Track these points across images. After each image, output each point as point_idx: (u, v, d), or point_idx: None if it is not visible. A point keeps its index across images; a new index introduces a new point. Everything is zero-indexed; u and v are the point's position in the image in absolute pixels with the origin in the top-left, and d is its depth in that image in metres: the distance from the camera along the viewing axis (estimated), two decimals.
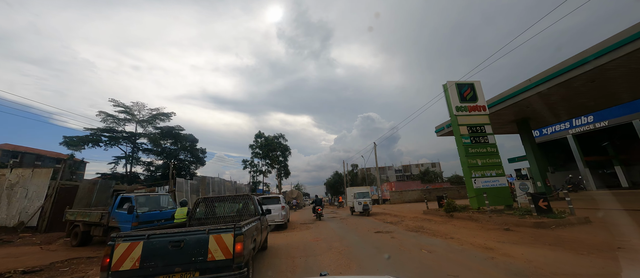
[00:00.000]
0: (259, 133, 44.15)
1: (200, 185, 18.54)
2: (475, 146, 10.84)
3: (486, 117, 11.40)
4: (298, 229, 11.68)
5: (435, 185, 31.54)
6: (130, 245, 3.20)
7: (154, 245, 3.26)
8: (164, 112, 46.54)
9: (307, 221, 15.48)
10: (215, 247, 3.31)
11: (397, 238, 7.85)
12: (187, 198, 16.62)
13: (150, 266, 3.15)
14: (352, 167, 54.93)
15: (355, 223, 12.31)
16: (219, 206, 6.25)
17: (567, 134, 22.28)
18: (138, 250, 3.19)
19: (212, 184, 20.60)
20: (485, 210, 9.83)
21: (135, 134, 43.85)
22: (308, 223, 14.16)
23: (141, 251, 3.19)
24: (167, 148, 47.72)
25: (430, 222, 11.01)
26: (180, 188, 15.77)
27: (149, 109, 46.08)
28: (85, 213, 9.62)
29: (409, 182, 31.71)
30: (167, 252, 3.23)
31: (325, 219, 16.41)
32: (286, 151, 49.63)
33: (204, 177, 19.59)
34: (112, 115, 41.31)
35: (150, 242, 3.27)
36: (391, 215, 15.16)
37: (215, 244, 3.32)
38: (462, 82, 11.69)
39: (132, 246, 3.20)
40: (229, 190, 25.25)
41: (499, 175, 10.47)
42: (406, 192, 27.81)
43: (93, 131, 39.55)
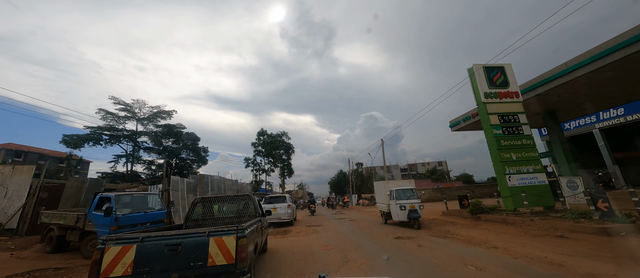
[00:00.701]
0: (261, 130, 42.91)
1: (198, 184, 17.33)
2: (508, 138, 9.39)
3: (519, 104, 9.94)
4: (304, 232, 10.34)
5: (446, 184, 29.95)
6: (122, 248, 2.93)
7: (149, 248, 2.98)
8: (164, 110, 45.60)
9: (314, 222, 14.13)
10: (216, 250, 3.02)
11: (426, 246, 6.46)
12: (184, 198, 15.41)
13: (144, 272, 2.87)
14: (357, 165, 53.47)
15: (368, 227, 10.93)
16: (217, 207, 5.98)
17: (593, 128, 20.58)
18: (130, 255, 2.92)
19: (211, 183, 19.38)
20: (524, 212, 8.38)
21: (136, 132, 42.98)
22: (314, 225, 12.81)
23: (134, 255, 2.91)
24: (168, 146, 46.83)
25: (454, 225, 9.59)
26: (176, 187, 14.55)
27: (149, 107, 45.19)
28: (60, 216, 8.40)
29: (419, 181, 30.16)
30: (163, 257, 2.96)
31: (332, 219, 15.06)
32: (289, 149, 48.35)
33: (202, 175, 18.39)
34: (112, 113, 40.40)
35: (144, 245, 2.98)
36: None
37: (216, 248, 3.04)
38: (490, 65, 10.23)
39: (124, 250, 2.92)
40: (230, 189, 24.03)
41: (537, 171, 9.00)
42: (418, 191, 26.34)
43: (93, 129, 38.74)
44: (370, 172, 67.93)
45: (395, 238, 7.82)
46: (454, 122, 19.29)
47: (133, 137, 44.23)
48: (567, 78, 10.51)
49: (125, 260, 2.88)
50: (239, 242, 3.10)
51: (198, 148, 52.18)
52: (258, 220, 4.91)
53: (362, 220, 13.75)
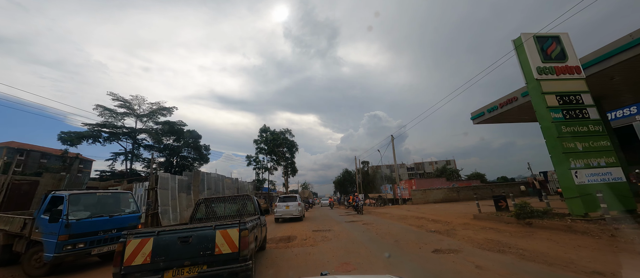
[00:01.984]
0: (264, 127, 41.18)
1: (193, 182, 15.61)
2: (570, 123, 7.43)
3: (582, 82, 7.96)
4: (311, 240, 8.49)
5: (462, 183, 27.84)
6: (141, 241, 3.32)
7: (164, 241, 3.38)
8: (165, 107, 44.12)
9: (322, 226, 12.27)
10: (221, 241, 3.46)
11: (485, 267, 4.56)
12: (175, 198, 13.68)
13: (161, 260, 3.28)
14: (363, 164, 51.44)
15: (390, 233, 9.03)
16: (219, 206, 6.47)
17: (633, 120, 18.33)
18: (149, 246, 3.31)
19: (208, 181, 17.64)
20: (597, 218, 6.41)
21: (136, 130, 41.57)
22: (323, 230, 10.95)
23: (152, 247, 3.31)
24: (169, 144, 45.37)
25: (500, 232, 7.64)
26: (165, 185, 12.83)
27: (149, 103, 43.75)
28: (6, 220, 6.68)
29: (431, 180, 28.14)
30: (176, 247, 3.37)
31: (342, 222, 13.20)
32: (293, 147, 46.51)
33: (197, 171, 16.67)
34: (110, 110, 39.05)
35: (160, 238, 3.38)
36: (428, 219, 11.82)
37: (221, 239, 3.48)
38: (543, 35, 8.26)
39: (143, 242, 3.32)
40: (229, 188, 22.31)
41: (611, 164, 7.02)
42: (430, 190, 24.28)
43: (91, 127, 37.39)
44: (375, 171, 65.93)
45: (434, 252, 5.92)
46: (476, 113, 17.20)
47: (132, 134, 42.80)
48: (631, 53, 8.48)
49: (144, 251, 3.28)
50: (242, 233, 3.55)
51: (199, 146, 50.61)
52: (257, 218, 5.38)
53: (380, 223, 11.88)
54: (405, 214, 15.76)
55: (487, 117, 16.35)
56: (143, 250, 3.28)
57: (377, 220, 13.99)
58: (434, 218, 12.21)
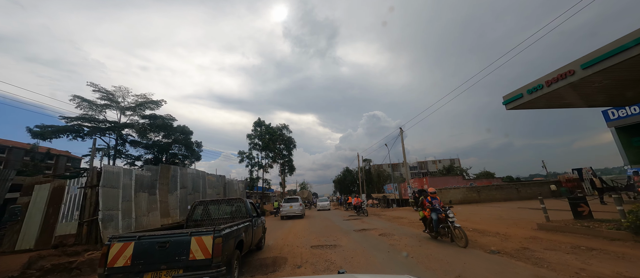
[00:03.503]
0: (258, 121, 37.81)
1: (160, 179, 12.35)
2: None
3: None
4: (309, 265, 5.26)
5: (481, 182, 24.66)
6: (123, 245, 3.59)
7: (144, 245, 3.62)
8: (152, 100, 40.68)
9: (324, 239, 9.03)
10: (196, 247, 3.62)
11: None
12: (130, 199, 10.41)
13: (140, 264, 3.53)
14: (364, 162, 48.20)
15: (431, 255, 5.80)
16: (214, 209, 6.82)
17: None
18: (129, 250, 3.57)
19: (183, 178, 14.37)
20: None
21: (119, 124, 38.15)
22: (327, 246, 7.69)
23: (132, 250, 3.57)
24: (158, 141, 41.96)
25: (626, 260, 4.46)
26: (113, 183, 9.56)
27: (134, 96, 40.30)
28: None
29: (446, 178, 24.98)
30: (155, 252, 3.59)
31: (350, 232, 9.97)
32: (291, 144, 43.13)
33: (166, 166, 13.39)
34: (88, 101, 35.60)
35: (140, 242, 3.63)
36: (469, 229, 8.55)
37: (196, 245, 3.63)
38: None
39: (124, 246, 3.58)
40: (214, 187, 19.04)
41: None
42: (447, 190, 21.09)
43: (68, 120, 33.91)
44: (378, 170, 62.78)
45: None
46: (511, 96, 13.91)
47: (117, 129, 39.29)
48: None
49: (126, 253, 3.55)
50: (215, 240, 3.70)
51: (191, 142, 46.99)
52: (248, 221, 5.82)
53: (398, 234, 8.66)
54: None
55: (527, 100, 13.08)
56: (124, 253, 3.55)
57: (394, 227, 10.76)
58: (475, 227, 8.97)
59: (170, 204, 13.10)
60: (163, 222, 12.28)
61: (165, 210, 12.60)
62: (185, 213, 14.03)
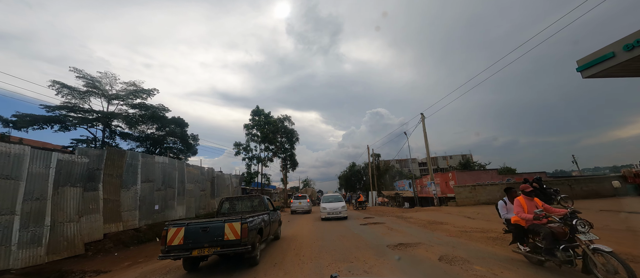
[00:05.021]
0: (256, 109, 34.10)
1: (106, 168, 8.75)
2: None
3: None
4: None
5: (519, 177, 20.78)
6: (177, 229, 4.82)
7: (191, 229, 4.85)
8: (143, 88, 37.11)
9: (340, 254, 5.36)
10: (228, 231, 4.85)
11: None
12: (47, 197, 6.81)
13: (189, 242, 4.76)
14: (373, 157, 44.29)
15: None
16: (238, 204, 8.07)
17: None
18: (181, 233, 4.79)
19: (147, 168, 10.77)
20: None
21: (107, 113, 34.74)
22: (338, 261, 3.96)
23: (183, 233, 4.79)
24: (152, 134, 38.57)
25: None
26: (8, 171, 6.02)
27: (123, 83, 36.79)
28: None
29: (478, 173, 21.15)
30: (199, 234, 4.82)
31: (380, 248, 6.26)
32: (293, 137, 39.33)
33: (119, 151, 9.73)
34: (70, 87, 32.19)
35: (188, 227, 4.86)
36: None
37: (228, 229, 4.86)
38: None
39: (178, 230, 4.82)
40: (197, 181, 15.47)
41: None
42: (482, 187, 17.26)
43: (50, 109, 30.51)
44: (385, 166, 58.94)
45: None
46: (594, 59, 9.97)
47: (103, 119, 35.68)
48: None
49: (179, 235, 4.78)
50: (242, 226, 4.90)
51: (186, 135, 43.22)
52: (266, 213, 7.00)
53: (451, 250, 4.99)
54: (488, 227, 8.83)
55: (618, 63, 9.09)
56: (178, 235, 4.77)
57: (449, 242, 7.04)
58: None
59: (125, 204, 9.51)
60: (110, 230, 8.67)
61: (115, 211, 9.01)
62: (149, 215, 10.45)
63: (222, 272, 5.39)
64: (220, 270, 5.59)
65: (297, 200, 21.55)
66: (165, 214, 11.83)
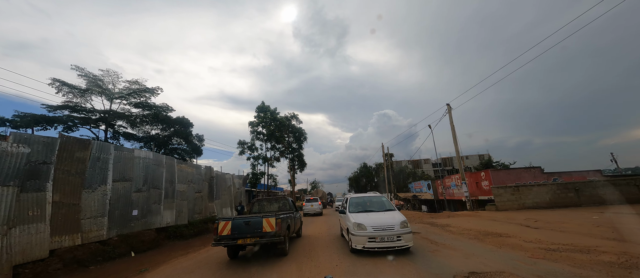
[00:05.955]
0: (262, 105, 32.00)
1: (59, 162, 6.63)
2: None
3: None
4: None
5: (570, 177, 17.66)
6: (225, 222, 6.04)
7: (236, 223, 6.05)
8: (147, 87, 35.62)
9: None
10: (265, 224, 5.97)
11: None
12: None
13: (235, 233, 5.95)
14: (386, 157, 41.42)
15: None
16: (268, 205, 9.17)
17: None
18: (229, 225, 6.01)
19: (120, 163, 8.65)
20: None
21: (110, 112, 33.39)
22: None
23: (231, 226, 6.00)
24: (157, 135, 37.09)
25: None
26: None
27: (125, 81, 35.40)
28: None
29: (519, 171, 18.20)
30: (242, 227, 6.00)
31: None
32: (301, 136, 37.04)
33: (79, 140, 7.61)
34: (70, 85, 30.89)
35: (234, 221, 6.07)
36: None
37: (265, 223, 5.98)
38: None
39: (226, 223, 6.04)
40: (190, 181, 13.30)
41: None
42: (528, 188, 14.44)
43: (51, 109, 29.23)
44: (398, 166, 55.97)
45: None
46: None
47: (107, 118, 34.32)
48: None
49: (227, 227, 5.99)
50: (277, 220, 6.04)
51: (191, 136, 41.51)
52: (291, 213, 8.27)
53: None
54: (583, 244, 6.26)
55: None
56: (227, 227, 5.99)
57: (568, 274, 4.52)
58: None
59: (87, 209, 7.37)
60: (61, 244, 6.53)
61: (71, 219, 6.87)
62: (124, 223, 8.33)
63: (259, 261, 6.35)
64: (257, 259, 6.57)
65: (309, 203, 22.44)
66: (147, 221, 9.67)
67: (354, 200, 7.90)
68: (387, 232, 5.87)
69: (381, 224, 6.05)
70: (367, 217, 6.49)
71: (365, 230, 6.00)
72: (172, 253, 8.47)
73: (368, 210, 7.23)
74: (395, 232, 5.90)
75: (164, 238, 10.29)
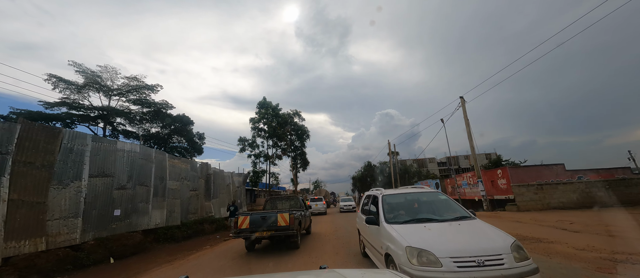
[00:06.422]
0: (263, 100, 30.94)
1: (19, 151, 5.62)
2: None
3: None
4: None
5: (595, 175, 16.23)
6: (244, 217, 6.80)
7: (254, 217, 6.80)
8: (146, 84, 34.62)
9: None
10: (280, 219, 6.69)
11: None
12: None
13: (253, 226, 6.72)
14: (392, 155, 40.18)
15: None
16: (279, 203, 9.56)
17: None
18: (247, 220, 6.76)
19: (98, 156, 7.58)
20: None
21: (109, 109, 32.48)
22: None
23: (249, 220, 6.76)
24: (157, 132, 36.16)
25: None
26: None
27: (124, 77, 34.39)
28: None
29: (537, 169, 16.89)
30: (259, 221, 6.75)
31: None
32: (304, 134, 35.95)
33: (49, 128, 6.54)
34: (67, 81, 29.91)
35: (252, 216, 6.83)
36: None
37: (280, 218, 6.70)
38: None
39: (245, 218, 6.79)
40: (184, 178, 12.22)
41: None
42: (550, 187, 13.20)
43: (48, 106, 28.33)
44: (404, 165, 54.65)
45: None
46: None
47: (105, 116, 33.45)
48: None
49: (246, 222, 6.76)
50: (290, 216, 6.72)
51: (191, 133, 40.59)
52: (303, 210, 8.79)
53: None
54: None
55: None
56: (245, 221, 6.75)
57: None
58: None
59: (56, 208, 6.31)
60: (19, 250, 5.48)
61: (34, 220, 5.80)
62: (103, 224, 7.27)
63: (274, 253, 7.08)
64: (272, 251, 7.30)
65: (314, 202, 22.79)
66: (132, 222, 8.60)
67: (390, 199, 4.61)
68: (490, 272, 2.66)
69: (470, 252, 2.84)
70: (431, 235, 3.32)
71: (437, 266, 2.80)
72: (158, 259, 7.40)
73: (422, 218, 3.97)
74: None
75: (152, 241, 9.22)
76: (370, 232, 4.55)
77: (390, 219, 4.00)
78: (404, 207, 4.57)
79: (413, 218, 4.01)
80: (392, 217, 4.09)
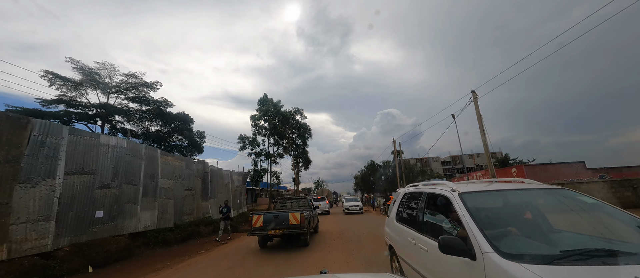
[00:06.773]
0: (264, 97, 30.02)
1: None
2: None
3: None
4: None
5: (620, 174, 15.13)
6: (258, 216, 7.42)
7: (267, 216, 7.41)
8: (145, 81, 33.76)
9: None
10: (291, 218, 7.24)
11: None
12: None
13: (267, 225, 7.29)
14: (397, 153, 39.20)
15: None
16: (289, 203, 9.97)
17: None
18: (261, 218, 7.36)
19: (78, 150, 6.72)
20: None
21: (107, 106, 31.70)
22: None
23: (262, 219, 7.36)
24: (157, 131, 35.37)
25: None
26: None
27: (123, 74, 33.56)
28: None
29: (556, 167, 15.90)
30: (272, 220, 7.32)
31: None
32: (306, 132, 34.99)
33: (15, 118, 5.77)
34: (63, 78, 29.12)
35: (265, 215, 7.46)
36: None
37: (291, 217, 7.25)
38: None
39: (258, 216, 7.41)
40: (178, 176, 11.35)
41: None
42: (577, 185, 12.23)
43: (45, 103, 27.53)
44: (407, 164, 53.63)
45: None
46: None
47: (103, 113, 32.63)
48: None
49: (260, 220, 7.35)
50: (301, 215, 7.26)
51: (191, 132, 39.67)
52: (311, 210, 9.31)
53: None
54: None
55: None
56: (259, 220, 7.33)
57: None
58: None
59: (23, 210, 5.44)
60: None
61: None
62: (82, 228, 6.39)
63: (285, 250, 7.50)
64: (283, 248, 7.79)
65: (317, 202, 22.77)
66: (118, 224, 7.73)
67: (478, 202, 2.36)
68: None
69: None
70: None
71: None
72: (144, 268, 6.52)
73: (593, 252, 1.63)
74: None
75: (141, 246, 8.36)
76: (438, 265, 2.38)
77: (506, 249, 1.74)
78: (509, 219, 2.38)
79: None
80: (509, 246, 1.83)
